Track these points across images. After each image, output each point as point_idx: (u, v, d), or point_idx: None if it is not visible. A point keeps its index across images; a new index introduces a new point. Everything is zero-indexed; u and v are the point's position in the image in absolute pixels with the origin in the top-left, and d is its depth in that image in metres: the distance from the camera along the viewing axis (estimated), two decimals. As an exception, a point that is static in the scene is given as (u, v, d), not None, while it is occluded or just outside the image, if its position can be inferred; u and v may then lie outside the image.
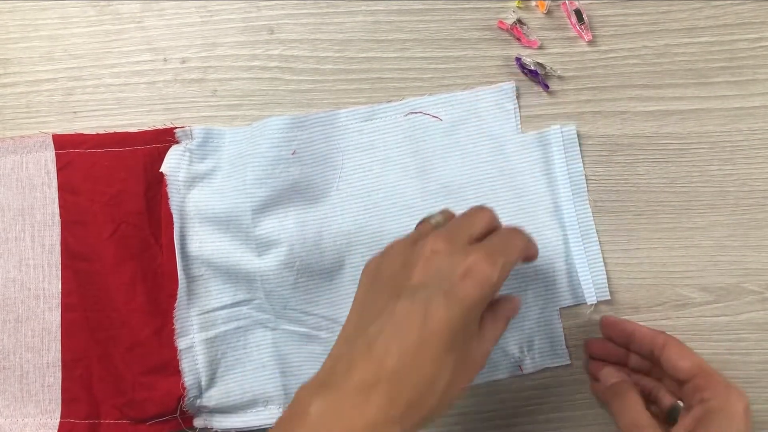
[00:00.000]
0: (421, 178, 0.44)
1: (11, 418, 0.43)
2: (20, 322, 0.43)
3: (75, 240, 0.43)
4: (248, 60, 0.46)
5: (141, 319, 0.42)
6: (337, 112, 0.45)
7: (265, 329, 0.44)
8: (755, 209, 0.45)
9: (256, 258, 0.43)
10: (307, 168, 0.44)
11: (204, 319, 0.43)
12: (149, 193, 0.43)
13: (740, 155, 0.46)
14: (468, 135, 0.45)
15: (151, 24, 0.46)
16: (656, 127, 0.46)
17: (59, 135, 0.44)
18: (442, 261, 0.32)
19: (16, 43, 0.46)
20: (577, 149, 0.45)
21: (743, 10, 0.46)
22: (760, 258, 0.45)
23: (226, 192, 0.43)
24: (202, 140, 0.44)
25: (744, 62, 0.46)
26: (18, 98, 0.45)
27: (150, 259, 0.43)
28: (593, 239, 0.44)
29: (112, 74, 0.46)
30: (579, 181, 0.45)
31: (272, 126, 0.43)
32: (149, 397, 0.42)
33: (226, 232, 0.43)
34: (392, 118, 0.45)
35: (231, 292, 0.43)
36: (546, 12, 0.46)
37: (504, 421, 0.44)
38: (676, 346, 0.39)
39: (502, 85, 0.45)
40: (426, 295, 0.31)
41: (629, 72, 0.46)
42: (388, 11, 0.46)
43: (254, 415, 0.43)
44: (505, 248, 0.33)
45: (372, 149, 0.45)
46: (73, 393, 0.43)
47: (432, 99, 0.45)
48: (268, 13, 0.46)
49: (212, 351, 0.43)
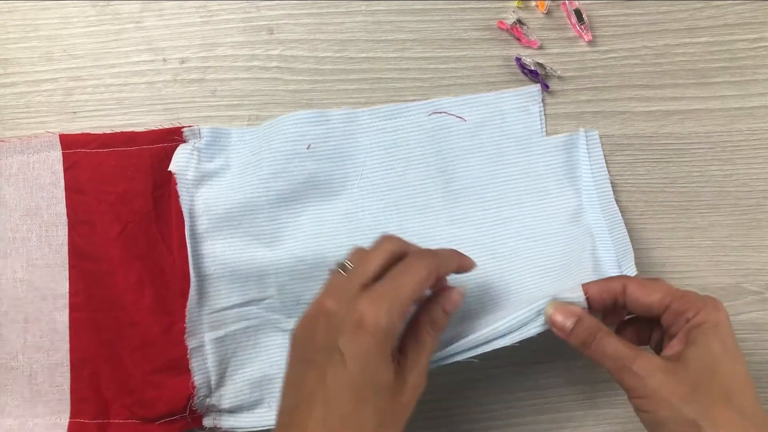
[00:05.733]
0: (443, 178, 0.44)
1: (21, 418, 0.43)
2: (28, 323, 0.43)
3: (82, 240, 0.43)
4: (248, 60, 0.46)
5: (149, 318, 0.42)
6: (357, 110, 0.45)
7: (275, 329, 0.43)
8: (755, 209, 0.45)
9: (269, 252, 0.43)
10: (323, 163, 0.44)
11: (214, 318, 0.43)
12: (156, 192, 0.43)
13: (740, 155, 0.46)
14: (492, 136, 0.45)
15: (151, 24, 0.46)
16: (656, 127, 0.46)
17: (66, 135, 0.44)
18: (333, 320, 0.32)
19: (16, 43, 0.46)
20: (601, 152, 0.45)
21: (743, 10, 0.46)
22: (760, 258, 0.45)
23: (239, 188, 0.43)
24: (211, 139, 0.44)
25: (744, 62, 0.46)
26: (17, 98, 0.45)
27: (157, 258, 0.43)
28: (623, 233, 0.43)
29: (111, 74, 0.45)
30: (604, 183, 0.44)
31: (287, 122, 0.43)
32: (158, 396, 0.42)
33: (237, 228, 0.43)
34: (415, 118, 0.45)
35: (241, 291, 0.43)
36: (546, 12, 0.46)
37: (504, 421, 0.44)
38: (635, 284, 0.37)
39: (527, 88, 0.45)
40: (325, 358, 0.32)
41: (629, 72, 0.46)
42: (387, 11, 0.46)
43: (262, 415, 0.43)
44: (395, 287, 0.33)
45: (394, 148, 0.45)
46: (82, 393, 0.43)
47: (456, 99, 0.45)
48: (268, 13, 0.46)
49: (222, 350, 0.43)
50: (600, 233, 0.44)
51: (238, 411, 0.43)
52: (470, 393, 0.44)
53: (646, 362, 0.34)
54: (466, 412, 0.44)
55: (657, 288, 0.36)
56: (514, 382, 0.44)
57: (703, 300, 0.35)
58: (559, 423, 0.44)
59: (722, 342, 0.34)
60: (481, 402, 0.44)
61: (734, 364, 0.33)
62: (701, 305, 0.35)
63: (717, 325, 0.34)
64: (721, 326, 0.34)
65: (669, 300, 0.36)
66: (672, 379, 0.33)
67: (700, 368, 0.33)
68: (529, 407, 0.44)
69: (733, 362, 0.34)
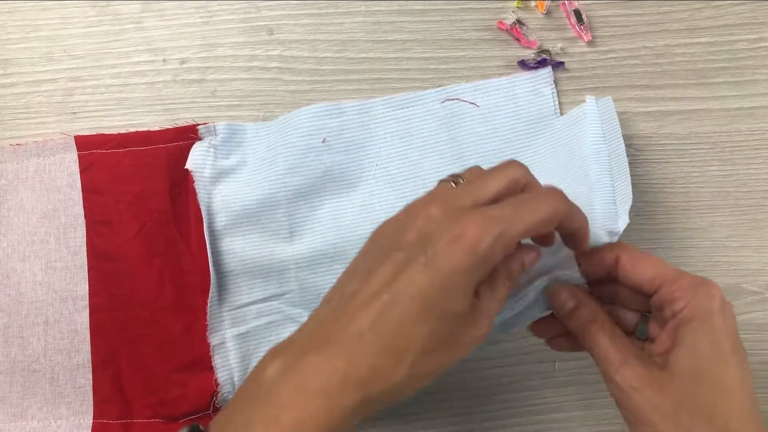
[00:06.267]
0: (459, 164, 0.44)
1: (44, 420, 0.43)
2: (49, 325, 0.43)
3: (101, 240, 0.43)
4: (248, 60, 0.46)
5: (170, 317, 0.42)
6: (371, 101, 0.45)
7: (296, 324, 0.43)
8: (755, 210, 0.45)
9: (289, 247, 0.43)
10: (339, 156, 0.44)
11: (235, 314, 0.43)
12: (173, 191, 0.43)
13: (740, 156, 0.46)
14: (506, 121, 0.45)
15: (151, 24, 0.46)
16: (656, 127, 0.46)
17: (81, 136, 0.44)
18: (433, 225, 0.29)
19: (16, 44, 0.46)
20: (615, 118, 0.42)
21: (743, 10, 0.46)
22: (759, 258, 0.45)
23: (256, 183, 0.43)
24: (227, 136, 0.44)
25: (744, 63, 0.46)
26: (17, 99, 0.45)
27: (176, 256, 0.43)
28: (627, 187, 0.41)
29: (111, 75, 0.45)
30: (617, 142, 0.42)
31: (302, 115, 0.43)
32: (182, 395, 0.42)
33: (256, 224, 0.43)
34: (428, 106, 0.45)
35: (262, 286, 0.43)
36: (545, 12, 0.46)
37: (505, 421, 0.44)
38: (630, 256, 0.35)
39: (539, 71, 0.45)
40: (406, 257, 0.29)
41: (629, 72, 0.46)
42: (387, 12, 0.46)
43: None
44: (513, 214, 0.29)
45: (409, 137, 0.45)
46: (105, 393, 0.43)
47: (468, 86, 0.45)
48: (268, 14, 0.46)
49: (244, 347, 0.43)
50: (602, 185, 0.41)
51: None
52: (469, 393, 0.44)
53: (630, 373, 0.32)
54: (466, 411, 0.44)
55: (649, 265, 0.34)
56: (514, 382, 0.44)
57: (695, 287, 0.32)
58: (558, 423, 0.44)
59: (712, 341, 0.31)
60: (480, 402, 0.44)
61: (725, 369, 0.31)
62: (691, 295, 0.32)
63: (708, 319, 0.31)
64: (714, 320, 0.31)
65: (659, 282, 0.33)
66: (655, 394, 0.31)
67: (685, 378, 0.31)
68: (529, 407, 0.44)
69: (724, 366, 0.31)
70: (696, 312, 0.32)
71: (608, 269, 0.35)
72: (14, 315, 0.43)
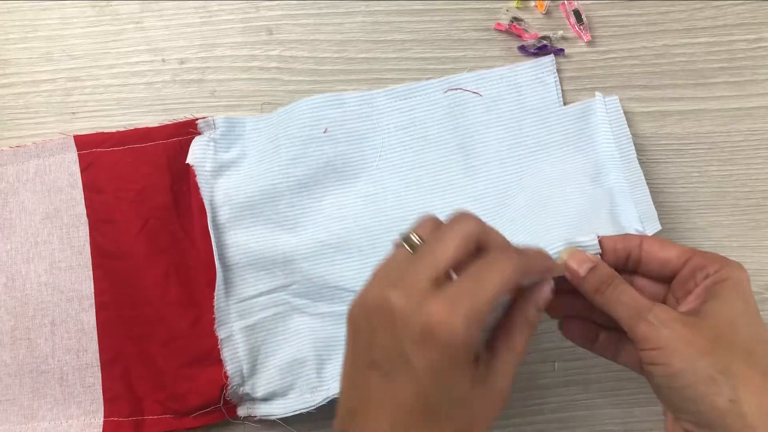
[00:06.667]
0: (462, 154, 0.44)
1: (55, 421, 0.43)
2: (56, 325, 0.43)
3: (104, 239, 0.43)
4: (247, 60, 0.46)
5: (177, 312, 0.42)
6: (372, 92, 0.45)
7: (303, 314, 0.43)
8: (755, 210, 0.45)
9: (292, 238, 0.43)
10: (341, 146, 0.44)
11: (242, 307, 0.43)
12: (175, 186, 0.43)
13: (740, 156, 0.46)
14: (509, 110, 0.45)
15: (150, 24, 0.46)
16: (655, 127, 0.46)
17: (80, 135, 0.44)
18: (401, 320, 0.28)
19: (15, 44, 0.46)
20: (622, 117, 0.43)
21: (743, 10, 0.46)
22: (760, 258, 0.45)
23: (258, 175, 0.43)
24: (226, 129, 0.44)
25: (743, 63, 0.46)
26: (16, 99, 0.45)
27: (181, 251, 0.43)
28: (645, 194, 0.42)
29: (110, 75, 0.45)
30: (627, 145, 0.43)
31: (302, 107, 0.43)
32: (192, 389, 0.42)
33: (259, 216, 0.43)
34: (431, 96, 0.45)
35: (267, 278, 0.43)
36: (545, 12, 0.46)
37: (505, 421, 0.44)
38: (653, 240, 0.35)
39: (541, 59, 0.45)
40: (390, 363, 0.28)
41: (628, 72, 0.46)
42: (387, 12, 0.46)
43: (296, 400, 0.42)
44: (476, 287, 0.28)
45: (412, 127, 0.45)
46: (115, 391, 0.43)
47: (471, 75, 0.45)
48: (267, 14, 0.46)
49: (252, 338, 0.43)
50: (621, 193, 0.42)
51: (271, 398, 0.43)
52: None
53: (664, 312, 0.32)
54: (466, 412, 0.44)
55: (676, 245, 0.35)
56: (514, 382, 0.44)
57: (726, 259, 0.33)
58: (558, 423, 0.44)
59: (745, 301, 0.32)
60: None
61: (756, 326, 0.32)
62: (724, 262, 0.33)
63: (740, 283, 0.32)
64: (745, 285, 0.33)
65: (689, 255, 0.34)
66: (690, 330, 0.31)
67: (721, 323, 0.31)
68: (529, 408, 0.44)
69: (755, 323, 0.32)
70: (730, 275, 0.33)
71: (630, 251, 0.36)
72: (20, 317, 0.43)
